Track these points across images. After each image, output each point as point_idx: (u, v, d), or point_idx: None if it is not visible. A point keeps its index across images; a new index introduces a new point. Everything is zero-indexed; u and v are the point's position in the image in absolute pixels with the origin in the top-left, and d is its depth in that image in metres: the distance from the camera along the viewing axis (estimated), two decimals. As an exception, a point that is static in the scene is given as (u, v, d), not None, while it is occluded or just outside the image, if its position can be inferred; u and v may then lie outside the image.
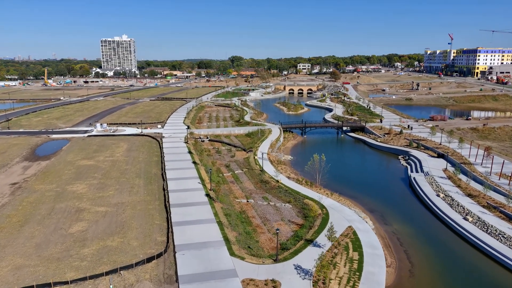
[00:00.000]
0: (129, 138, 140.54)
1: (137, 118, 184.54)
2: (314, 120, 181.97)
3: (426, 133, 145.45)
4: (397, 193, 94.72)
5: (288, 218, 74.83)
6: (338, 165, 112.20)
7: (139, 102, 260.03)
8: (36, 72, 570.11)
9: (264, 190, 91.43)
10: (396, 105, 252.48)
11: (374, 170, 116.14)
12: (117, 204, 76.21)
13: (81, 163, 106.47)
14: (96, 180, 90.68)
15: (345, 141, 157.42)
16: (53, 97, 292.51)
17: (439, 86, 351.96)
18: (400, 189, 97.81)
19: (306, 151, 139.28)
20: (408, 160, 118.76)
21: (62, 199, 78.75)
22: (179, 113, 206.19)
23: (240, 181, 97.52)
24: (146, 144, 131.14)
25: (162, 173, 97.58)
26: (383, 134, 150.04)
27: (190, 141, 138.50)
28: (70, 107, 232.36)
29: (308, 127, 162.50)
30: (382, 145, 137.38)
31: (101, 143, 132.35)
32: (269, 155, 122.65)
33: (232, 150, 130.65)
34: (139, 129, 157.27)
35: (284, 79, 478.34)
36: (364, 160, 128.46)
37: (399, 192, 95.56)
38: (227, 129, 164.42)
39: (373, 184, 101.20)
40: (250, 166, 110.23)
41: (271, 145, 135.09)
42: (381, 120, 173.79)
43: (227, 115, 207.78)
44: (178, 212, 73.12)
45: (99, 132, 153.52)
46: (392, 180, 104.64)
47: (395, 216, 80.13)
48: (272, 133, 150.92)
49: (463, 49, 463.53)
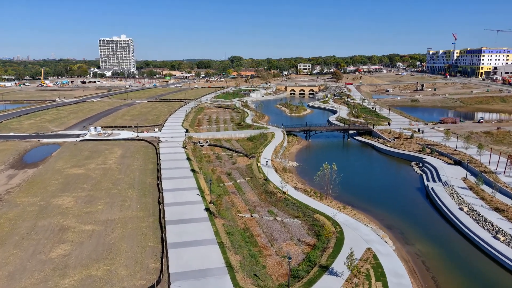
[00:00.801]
0: (124, 143, 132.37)
1: (133, 121, 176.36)
2: (319, 123, 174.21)
3: (438, 138, 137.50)
4: (414, 205, 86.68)
5: (297, 237, 66.80)
6: (347, 172, 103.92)
7: (136, 103, 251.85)
8: (33, 72, 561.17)
9: (270, 202, 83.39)
10: (401, 107, 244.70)
11: (386, 178, 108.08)
12: (106, 221, 68.07)
13: (70, 171, 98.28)
14: (84, 192, 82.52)
15: (352, 145, 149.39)
16: (48, 98, 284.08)
17: (444, 87, 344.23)
18: (416, 200, 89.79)
19: (312, 156, 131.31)
20: (422, 168, 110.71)
21: (45, 215, 70.63)
22: (178, 115, 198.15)
23: (242, 192, 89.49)
24: (142, 150, 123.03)
25: (158, 183, 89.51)
26: (393, 138, 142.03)
27: (188, 146, 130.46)
28: (64, 108, 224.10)
29: (313, 130, 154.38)
30: (393, 150, 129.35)
31: (93, 148, 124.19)
32: (273, 161, 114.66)
33: (234, 156, 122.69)
34: (135, 133, 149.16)
35: (285, 79, 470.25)
36: (374, 166, 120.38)
37: (416, 204, 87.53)
38: (227, 132, 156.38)
39: (387, 194, 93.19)
40: (253, 174, 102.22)
41: (275, 150, 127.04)
42: (389, 123, 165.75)
43: (227, 117, 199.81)
44: (175, 230, 65.06)
45: (93, 136, 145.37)
46: (407, 190, 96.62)
47: (416, 233, 72.11)
48: (275, 137, 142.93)
49: (467, 49, 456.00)
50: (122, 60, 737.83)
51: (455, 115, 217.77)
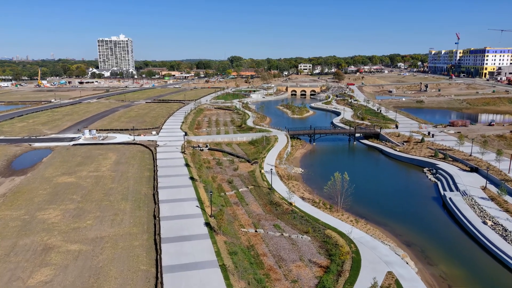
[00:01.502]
0: (119, 148, 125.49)
1: (130, 123, 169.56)
2: (323, 126, 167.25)
3: (451, 142, 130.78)
4: (431, 217, 79.90)
5: (308, 257, 60.02)
6: (356, 179, 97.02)
7: (134, 104, 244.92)
8: (31, 72, 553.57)
9: (275, 215, 76.61)
10: (406, 108, 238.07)
11: (399, 186, 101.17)
12: (95, 239, 61.23)
13: (60, 180, 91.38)
14: (73, 204, 75.64)
15: (358, 149, 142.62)
16: (44, 99, 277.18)
17: (448, 88, 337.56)
18: (434, 212, 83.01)
19: (317, 162, 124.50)
20: (436, 175, 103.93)
21: (28, 232, 63.80)
22: (176, 117, 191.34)
23: (245, 203, 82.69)
24: (138, 155, 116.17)
25: (154, 193, 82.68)
26: (402, 142, 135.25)
27: (187, 150, 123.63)
28: (59, 110, 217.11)
29: (318, 133, 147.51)
30: (403, 155, 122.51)
31: (87, 153, 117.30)
32: (277, 167, 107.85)
33: (235, 161, 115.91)
34: (131, 136, 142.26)
35: (286, 79, 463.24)
36: (384, 173, 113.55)
37: (433, 216, 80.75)
38: (228, 136, 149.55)
39: (401, 205, 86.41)
40: (257, 182, 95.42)
41: (278, 155, 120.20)
42: (397, 125, 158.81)
43: (227, 119, 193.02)
44: (171, 250, 58.25)
45: (87, 140, 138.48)
46: (422, 199, 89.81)
47: (438, 251, 65.31)
48: (278, 141, 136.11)
49: (470, 49, 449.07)
50: (121, 60, 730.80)
51: (462, 117, 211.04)
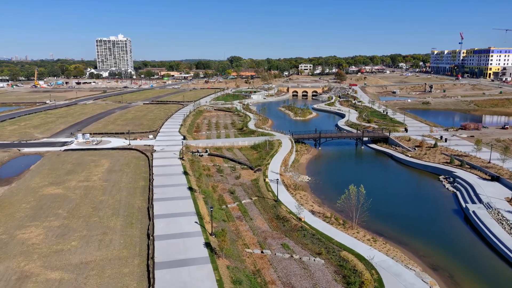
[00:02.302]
0: (113, 154, 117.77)
1: (126, 126, 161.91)
2: (328, 129, 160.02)
3: (465, 146, 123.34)
4: (455, 234, 72.33)
5: (323, 285, 52.45)
6: (366, 188, 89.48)
7: (131, 106, 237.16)
8: (29, 72, 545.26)
9: (283, 231, 69.04)
10: (412, 109, 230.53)
11: (414, 196, 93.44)
12: (79, 265, 53.57)
13: (46, 191, 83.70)
14: (58, 221, 67.97)
15: (366, 154, 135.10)
16: (39, 100, 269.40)
17: (453, 88, 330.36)
18: (457, 227, 75.44)
19: (324, 168, 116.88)
20: (454, 184, 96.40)
21: (4, 256, 56.16)
22: (175, 120, 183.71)
23: (249, 217, 75.12)
24: (133, 162, 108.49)
25: (149, 207, 75.04)
26: (413, 146, 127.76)
27: (186, 156, 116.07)
28: (54, 112, 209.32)
29: (324, 137, 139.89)
30: (415, 162, 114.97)
31: (78, 160, 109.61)
32: (283, 175, 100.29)
33: (237, 168, 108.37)
34: (127, 141, 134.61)
35: (287, 80, 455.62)
36: (396, 181, 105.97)
37: (457, 232, 73.17)
38: (229, 140, 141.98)
39: (420, 219, 78.84)
40: (261, 192, 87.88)
41: (283, 161, 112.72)
42: (406, 129, 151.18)
43: (228, 122, 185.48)
44: (166, 279, 50.65)
45: (80, 144, 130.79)
46: (441, 212, 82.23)
47: (469, 276, 57.78)
48: (282, 146, 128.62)
49: (474, 49, 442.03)
50: (120, 61, 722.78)
51: (471, 119, 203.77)
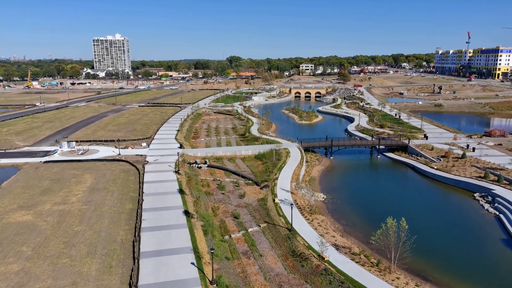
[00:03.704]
0: (99, 166, 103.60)
1: (118, 132, 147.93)
2: (340, 136, 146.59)
3: (497, 157, 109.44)
4: (509, 272, 58.55)
5: None
6: (392, 209, 75.95)
7: (125, 109, 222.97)
8: (25, 72, 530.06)
9: (302, 274, 55.11)
10: (424, 112, 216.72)
11: (453, 221, 78.38)
12: None
13: (12, 217, 69.56)
14: (19, 263, 53.90)
15: (384, 165, 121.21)
16: (29, 102, 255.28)
17: (463, 89, 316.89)
18: (509, 262, 61.63)
19: (340, 183, 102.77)
20: (495, 204, 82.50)
21: None
22: (171, 124, 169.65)
23: (258, 253, 61.12)
24: (121, 177, 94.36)
25: (134, 240, 61.04)
26: (437, 157, 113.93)
27: (182, 169, 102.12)
28: (41, 116, 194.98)
29: (336, 146, 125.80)
30: (443, 175, 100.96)
31: (58, 175, 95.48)
32: (294, 194, 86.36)
33: (240, 183, 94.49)
34: (117, 150, 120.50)
35: (288, 80, 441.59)
36: (426, 199, 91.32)
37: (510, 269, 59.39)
38: (231, 148, 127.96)
39: (465, 253, 64.88)
40: (270, 217, 73.99)
41: (293, 175, 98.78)
42: (426, 136, 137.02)
43: (229, 126, 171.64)
44: None
45: (64, 154, 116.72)
46: (488, 243, 68.17)
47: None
48: (290, 156, 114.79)
49: (481, 49, 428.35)
50: (117, 61, 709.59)
51: (488, 124, 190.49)
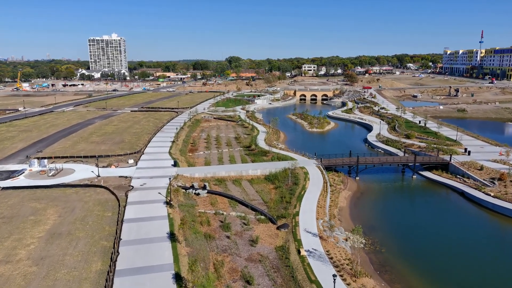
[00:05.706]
0: (69, 196, 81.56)
1: (101, 145, 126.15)
2: (367, 152, 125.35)
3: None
4: None
5: None
6: (457, 259, 54.48)
7: (116, 114, 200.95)
8: (15, 74, 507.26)
9: None
10: (446, 118, 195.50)
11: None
12: None
13: None
14: None
15: (422, 188, 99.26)
16: (12, 107, 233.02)
17: (480, 92, 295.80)
18: None
19: (376, 216, 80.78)
20: None
21: None
22: (165, 133, 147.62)
23: None
24: (94, 212, 72.43)
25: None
26: (489, 179, 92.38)
27: (176, 197, 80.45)
28: (20, 124, 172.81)
29: (363, 164, 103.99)
30: (504, 206, 79.35)
31: (13, 210, 73.54)
32: (324, 239, 64.52)
33: (250, 219, 72.82)
34: (96, 170, 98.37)
35: (292, 82, 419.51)
36: (490, 242, 69.98)
37: None
38: (235, 167, 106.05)
39: None
40: (296, 281, 52.38)
41: (317, 207, 77.04)
42: (468, 151, 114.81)
43: (231, 136, 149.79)
44: None
45: (31, 176, 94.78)
46: None
47: None
48: (309, 178, 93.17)
49: (495, 49, 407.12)
50: (113, 61, 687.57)
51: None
